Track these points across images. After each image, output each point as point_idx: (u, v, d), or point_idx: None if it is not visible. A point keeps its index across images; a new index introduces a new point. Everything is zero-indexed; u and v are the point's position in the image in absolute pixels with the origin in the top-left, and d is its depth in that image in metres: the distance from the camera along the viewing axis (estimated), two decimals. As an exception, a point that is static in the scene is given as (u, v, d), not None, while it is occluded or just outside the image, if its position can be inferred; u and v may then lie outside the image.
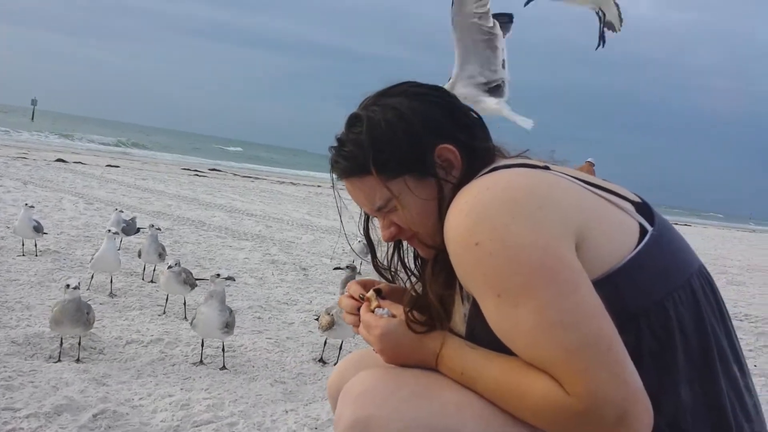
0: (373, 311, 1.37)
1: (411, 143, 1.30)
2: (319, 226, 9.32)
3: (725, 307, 1.28)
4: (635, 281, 1.15)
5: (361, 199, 1.39)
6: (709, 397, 1.17)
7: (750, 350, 4.70)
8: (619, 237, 1.17)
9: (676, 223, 31.91)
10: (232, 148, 59.05)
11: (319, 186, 19.68)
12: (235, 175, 21.36)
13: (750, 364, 4.22)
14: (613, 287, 1.13)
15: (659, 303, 1.16)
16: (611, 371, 1.05)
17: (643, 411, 1.06)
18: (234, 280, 4.87)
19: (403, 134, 1.30)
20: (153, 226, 4.73)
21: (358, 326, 1.40)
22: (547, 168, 1.26)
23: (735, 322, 5.39)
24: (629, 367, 1.07)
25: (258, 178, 20.82)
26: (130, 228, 5.57)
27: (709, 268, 1.21)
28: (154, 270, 4.73)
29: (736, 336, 1.27)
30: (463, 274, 1.18)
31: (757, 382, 3.81)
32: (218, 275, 3.04)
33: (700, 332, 1.18)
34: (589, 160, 20.03)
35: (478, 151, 1.33)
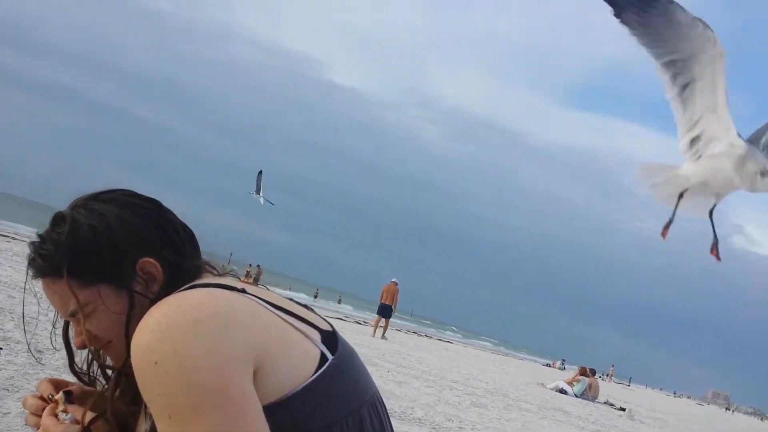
0: (56, 416, 1.33)
1: (111, 253, 1.30)
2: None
3: None
4: (308, 406, 1.23)
5: (56, 302, 1.36)
6: None
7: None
8: (299, 363, 1.25)
9: (440, 339, 34.06)
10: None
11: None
12: (-12, 231, 19.12)
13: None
14: (288, 411, 1.20)
15: (328, 428, 1.24)
16: None
17: None
18: None
19: (104, 242, 1.30)
20: None
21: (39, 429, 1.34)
22: (244, 291, 1.30)
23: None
24: None
25: (15, 239, 18.76)
26: None
27: (460, 389, 1.31)
28: None
29: None
30: (143, 391, 1.18)
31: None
32: None
33: None
34: (393, 280, 21.18)
35: (183, 267, 1.38)
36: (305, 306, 1.43)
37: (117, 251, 1.30)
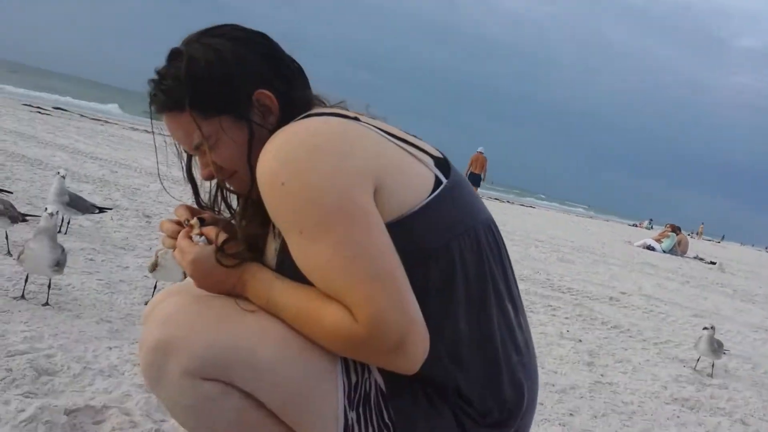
0: (191, 238, 1.41)
1: (228, 84, 1.35)
2: (169, 176, 8.94)
3: (507, 255, 1.47)
4: (426, 225, 1.29)
5: (179, 136, 1.43)
6: (482, 330, 1.35)
7: (566, 318, 5.15)
8: (415, 186, 1.30)
9: (522, 205, 34.07)
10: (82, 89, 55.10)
11: (164, 142, 18.87)
12: (83, 116, 20.02)
13: (564, 329, 4.66)
14: (406, 229, 1.26)
15: (446, 245, 1.30)
16: (392, 300, 1.19)
17: (420, 338, 1.22)
18: (106, 211, 4.65)
19: (220, 75, 1.34)
20: None
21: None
22: (357, 119, 1.34)
23: (558, 294, 5.92)
24: (410, 299, 1.21)
25: (108, 122, 19.63)
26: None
27: (545, 247, 1.35)
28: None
29: (515, 280, 1.47)
30: (272, 211, 1.26)
31: (567, 345, 4.21)
32: (51, 213, 2.89)
33: (479, 274, 1.35)
34: (479, 149, 21.24)
35: (295, 99, 1.41)
36: (414, 135, 1.46)
37: (233, 83, 1.34)
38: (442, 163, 1.38)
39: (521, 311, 1.46)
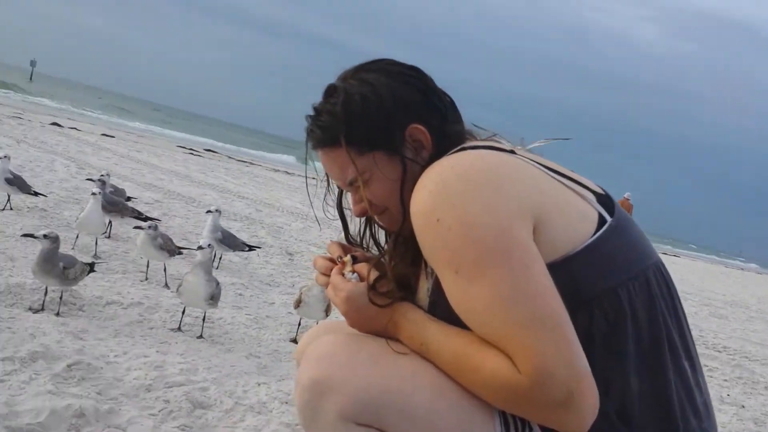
0: (344, 275, 1.40)
1: (383, 120, 1.33)
2: (310, 216, 9.30)
3: (680, 304, 1.32)
4: (590, 267, 1.19)
5: (334, 171, 1.42)
6: (656, 388, 1.21)
7: (725, 380, 4.73)
8: (577, 224, 1.21)
9: (665, 254, 32.26)
10: (226, 132, 58.88)
11: (313, 178, 19.63)
12: (230, 158, 21.30)
13: (723, 393, 4.27)
14: (569, 271, 1.17)
15: (613, 290, 1.19)
16: (559, 349, 1.09)
17: (589, 392, 1.10)
18: (254, 249, 4.86)
19: (375, 110, 1.33)
20: (103, 175, 4.91)
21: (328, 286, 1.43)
22: (512, 152, 1.28)
23: (713, 353, 5.45)
24: (576, 348, 1.10)
25: (253, 164, 20.77)
26: (119, 195, 5.54)
27: (694, 300, 1.23)
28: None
29: (690, 333, 1.32)
30: (426, 249, 1.21)
31: (728, 411, 3.85)
32: (203, 246, 3.03)
33: (651, 323, 1.22)
34: (626, 195, 20.72)
35: (448, 133, 1.37)
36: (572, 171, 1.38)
37: (388, 118, 1.32)
38: (605, 200, 1.28)
39: (699, 368, 1.30)
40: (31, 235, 2.93)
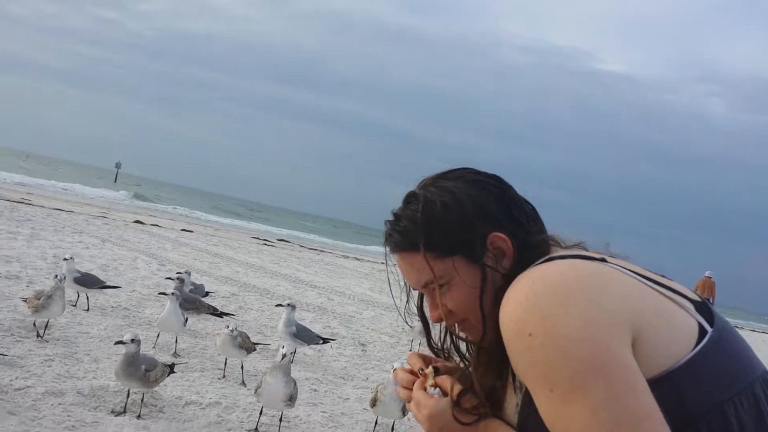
0: (425, 389, 1.36)
1: (463, 227, 1.32)
2: (380, 303, 9.31)
3: None
4: (694, 383, 1.11)
5: (412, 276, 1.39)
6: None
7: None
8: (678, 336, 1.14)
9: (740, 328, 30.34)
10: (301, 222, 60.19)
11: (381, 263, 19.74)
12: (302, 246, 21.72)
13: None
14: (671, 388, 1.10)
15: (719, 407, 1.10)
16: None
17: None
18: (329, 341, 4.89)
19: (456, 217, 1.32)
20: (181, 273, 5.06)
21: (410, 401, 1.40)
22: (604, 260, 1.24)
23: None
24: None
25: (323, 251, 21.09)
26: (198, 291, 5.71)
27: None
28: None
29: None
30: (517, 364, 1.16)
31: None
32: (284, 355, 3.05)
33: None
34: (707, 274, 19.85)
35: (531, 242, 1.32)
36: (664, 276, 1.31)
37: (468, 225, 1.30)
38: (704, 308, 1.21)
39: None
40: (121, 342, 3.03)
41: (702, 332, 1.17)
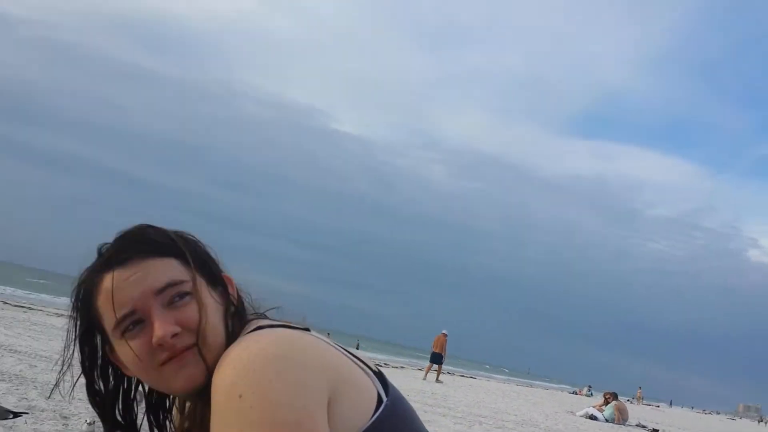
0: None
1: (207, 253, 1.38)
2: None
3: None
4: None
5: (148, 280, 1.27)
6: None
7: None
8: (362, 402, 1.23)
9: (462, 376, 33.68)
10: None
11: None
12: (5, 303, 19.20)
13: None
14: None
15: None
16: None
17: None
18: (20, 415, 4.27)
19: (201, 245, 1.38)
20: None
21: None
22: (307, 330, 1.31)
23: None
24: None
25: (32, 309, 18.85)
26: None
27: (488, 423, 1.29)
28: None
29: None
30: (218, 424, 1.14)
31: None
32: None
33: None
34: (443, 331, 22.89)
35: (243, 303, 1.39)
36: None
37: (209, 254, 1.37)
38: (381, 377, 1.33)
39: None
40: None
41: (380, 401, 1.26)
